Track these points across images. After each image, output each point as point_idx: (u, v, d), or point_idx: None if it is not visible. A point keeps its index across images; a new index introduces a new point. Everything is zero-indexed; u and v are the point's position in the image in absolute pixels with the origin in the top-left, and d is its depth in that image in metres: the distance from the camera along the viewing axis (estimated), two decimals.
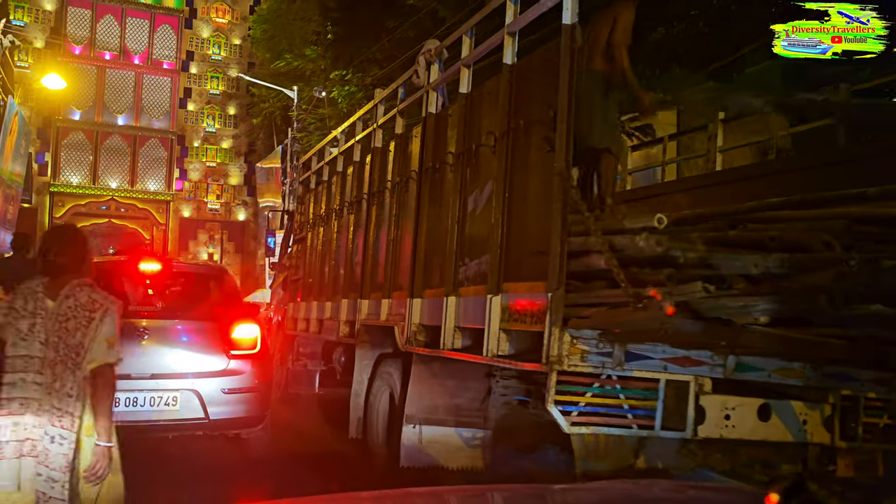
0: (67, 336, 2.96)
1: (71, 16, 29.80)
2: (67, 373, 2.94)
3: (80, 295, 3.02)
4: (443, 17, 14.82)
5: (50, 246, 3.12)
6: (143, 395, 5.09)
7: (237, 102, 32.79)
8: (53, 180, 29.53)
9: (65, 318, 2.97)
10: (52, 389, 2.91)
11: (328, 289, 7.11)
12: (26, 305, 2.98)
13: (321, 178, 7.87)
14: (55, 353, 2.94)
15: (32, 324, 2.95)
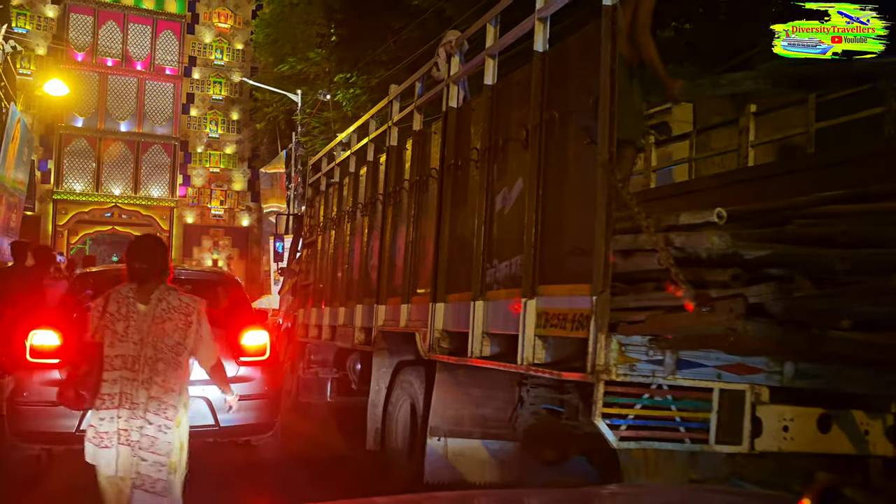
0: (165, 336, 3.26)
1: (73, 22, 29.64)
2: (170, 370, 3.25)
3: (170, 298, 3.33)
4: (449, 16, 14.60)
5: (137, 254, 3.38)
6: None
7: (240, 107, 32.59)
8: (56, 188, 29.33)
9: (161, 320, 3.28)
10: (152, 384, 3.22)
11: (341, 294, 6.85)
12: (120, 309, 3.28)
13: (332, 179, 7.62)
14: (154, 352, 3.24)
15: (127, 326, 3.25)
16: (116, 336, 3.25)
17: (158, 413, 3.21)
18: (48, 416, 4.90)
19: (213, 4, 32.82)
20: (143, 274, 3.35)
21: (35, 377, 5.11)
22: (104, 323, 3.28)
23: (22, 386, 5.17)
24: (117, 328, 3.25)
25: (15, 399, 5.18)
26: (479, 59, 4.48)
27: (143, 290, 3.33)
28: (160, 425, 3.22)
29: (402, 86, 5.95)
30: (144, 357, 3.23)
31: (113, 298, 3.33)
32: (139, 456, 3.19)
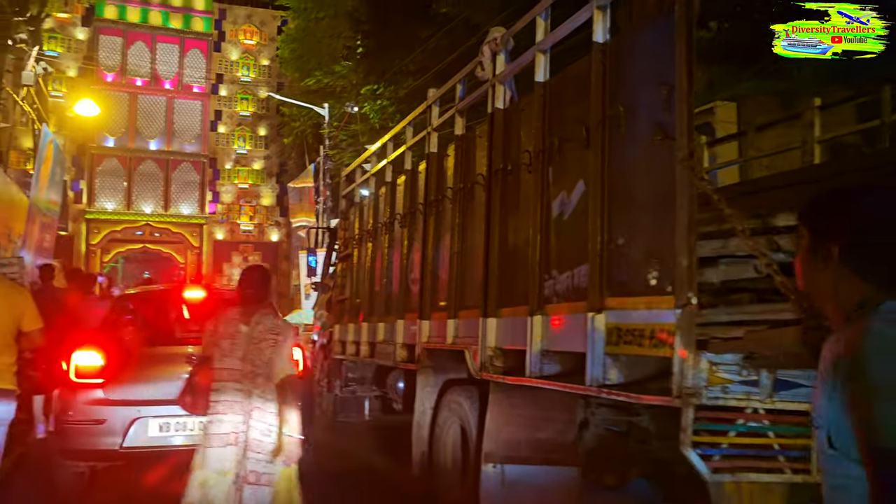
0: (261, 354, 3.72)
1: (102, 44, 30.00)
2: (268, 384, 3.72)
3: (266, 321, 3.80)
4: (477, 23, 14.34)
5: (249, 282, 3.87)
6: (193, 420, 5.00)
7: (267, 123, 32.68)
8: (89, 207, 29.61)
9: (258, 340, 3.73)
10: (253, 394, 3.67)
11: (380, 309, 6.55)
12: (227, 329, 3.76)
13: (367, 190, 7.34)
14: (252, 367, 3.69)
15: (232, 343, 3.71)
16: (223, 352, 3.73)
17: (261, 419, 3.67)
18: (93, 435, 5.02)
19: (239, 22, 33.05)
20: (251, 299, 3.84)
21: (79, 396, 5.14)
22: (214, 340, 3.78)
23: (67, 405, 5.23)
24: (224, 345, 3.73)
25: (61, 418, 5.28)
26: (529, 56, 4.17)
27: (246, 312, 3.80)
28: (263, 429, 3.68)
29: (440, 89, 5.66)
30: (246, 371, 3.69)
31: (222, 320, 3.83)
32: (246, 455, 3.65)
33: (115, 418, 5.01)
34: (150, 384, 5.18)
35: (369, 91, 19.30)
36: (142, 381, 5.20)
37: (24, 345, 4.35)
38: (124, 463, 5.28)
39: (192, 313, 5.98)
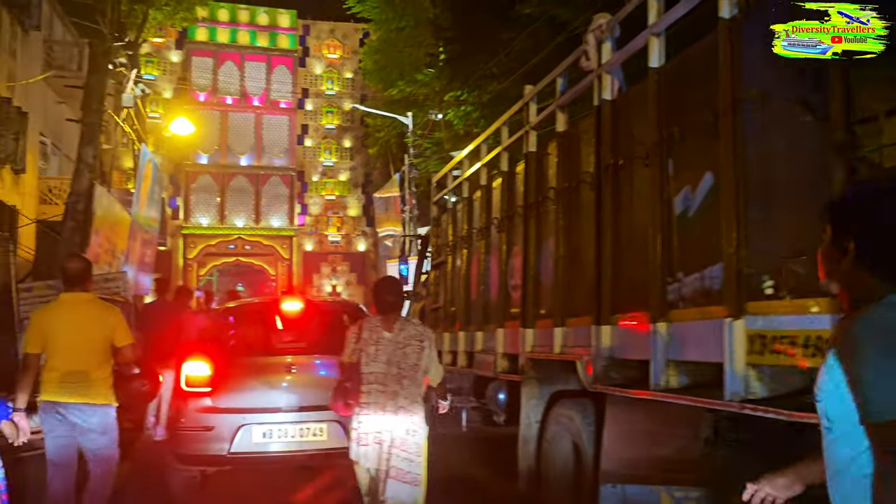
0: (406, 358, 4.04)
1: (195, 65, 31.20)
2: (413, 385, 4.04)
3: (409, 328, 4.15)
4: (563, 21, 13.97)
5: (388, 290, 4.25)
6: (293, 427, 5.40)
7: (352, 135, 33.16)
8: (185, 223, 30.78)
9: (402, 345, 4.05)
10: (398, 396, 3.98)
11: (478, 317, 6.32)
12: (371, 336, 4.08)
13: (460, 195, 7.14)
14: (398, 370, 4.01)
15: (376, 349, 4.03)
16: (369, 357, 4.04)
17: (406, 418, 3.95)
18: (202, 441, 5.30)
19: (323, 37, 33.72)
20: (391, 306, 4.17)
21: (190, 405, 5.41)
22: (359, 347, 4.08)
23: (179, 413, 5.53)
24: (369, 351, 4.04)
25: (173, 425, 5.62)
26: (640, 41, 3.85)
27: (388, 320, 4.12)
28: (408, 429, 3.96)
29: (538, 85, 5.38)
30: (391, 374, 4.00)
31: (365, 327, 4.14)
32: (391, 453, 3.94)
33: (222, 425, 5.27)
34: (253, 393, 5.43)
35: (452, 97, 19.19)
36: (245, 390, 5.45)
37: (119, 359, 4.58)
38: (231, 467, 5.57)
39: (289, 324, 6.17)
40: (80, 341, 4.41)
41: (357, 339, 4.10)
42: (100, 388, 4.42)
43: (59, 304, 4.62)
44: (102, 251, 14.83)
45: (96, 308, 4.60)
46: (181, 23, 24.06)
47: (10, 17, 16.60)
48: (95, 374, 4.40)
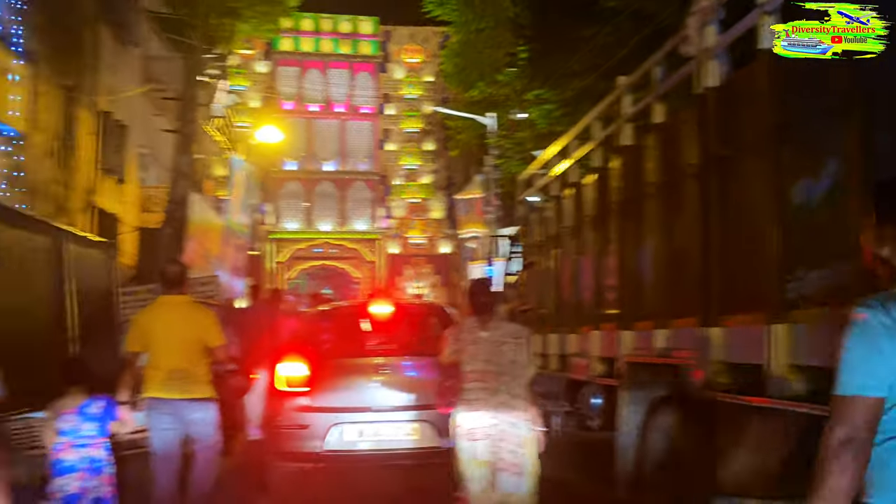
0: (504, 356, 4.21)
1: (281, 75, 32.08)
2: (513, 382, 4.20)
3: (504, 327, 4.38)
4: (649, 13, 13.52)
5: (482, 292, 4.44)
6: (385, 426, 5.56)
7: (434, 138, 33.31)
8: (274, 227, 31.65)
9: (499, 343, 4.23)
10: (499, 392, 4.17)
11: (570, 319, 6.12)
12: (469, 336, 4.28)
13: (549, 193, 6.95)
14: (497, 367, 4.19)
15: (475, 348, 4.23)
16: (469, 356, 4.23)
17: (508, 413, 4.13)
18: (298, 439, 5.49)
19: (403, 41, 34.05)
20: (485, 307, 4.36)
21: (286, 404, 5.61)
22: (459, 346, 4.29)
23: (276, 412, 5.73)
24: (469, 350, 4.24)
25: (271, 423, 5.84)
26: (749, 20, 3.58)
27: (483, 320, 4.32)
28: (510, 422, 4.13)
29: (632, 75, 5.15)
30: (491, 372, 4.18)
31: (463, 328, 4.38)
32: (497, 446, 4.13)
33: (316, 424, 5.45)
34: (345, 393, 5.62)
35: (534, 96, 18.95)
36: (338, 390, 5.63)
37: (213, 359, 4.81)
38: (325, 465, 5.68)
39: (378, 326, 6.29)
40: (178, 341, 4.66)
41: (456, 340, 4.31)
42: (200, 384, 4.69)
43: (157, 305, 4.94)
44: (197, 256, 15.38)
45: (191, 310, 4.86)
46: (267, 34, 24.72)
47: (110, 34, 17.45)
48: (194, 371, 4.67)
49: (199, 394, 4.70)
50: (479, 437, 4.15)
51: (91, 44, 16.18)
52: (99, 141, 16.33)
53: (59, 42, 14.28)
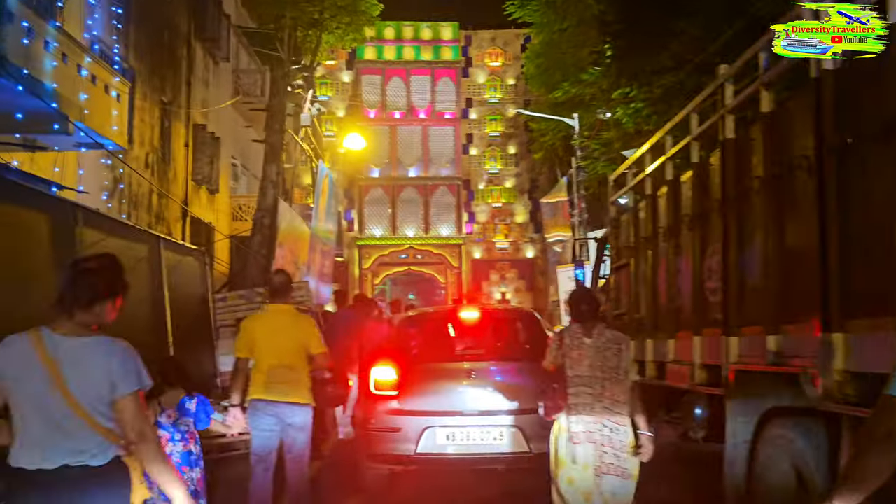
0: (606, 361, 4.33)
1: (364, 83, 32.57)
2: (616, 387, 4.32)
3: (607, 333, 4.44)
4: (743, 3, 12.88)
5: (583, 299, 4.51)
6: (474, 430, 5.62)
7: (517, 141, 33.07)
8: (360, 234, 32.13)
9: (603, 349, 4.35)
10: (603, 397, 4.28)
11: (669, 324, 5.80)
12: (572, 342, 4.39)
13: (642, 192, 6.64)
14: (602, 373, 4.31)
15: (579, 354, 4.36)
16: (573, 361, 4.35)
17: (612, 417, 4.23)
18: (391, 441, 5.63)
19: (484, 45, 33.99)
20: (587, 314, 4.44)
21: (378, 407, 5.75)
22: (563, 352, 4.40)
23: (368, 415, 5.86)
24: (573, 355, 4.36)
25: (364, 426, 5.93)
26: None
27: (586, 327, 4.43)
28: (612, 427, 4.24)
29: (734, 65, 4.82)
30: (595, 377, 4.29)
31: (567, 334, 4.46)
32: (601, 450, 4.21)
33: (408, 427, 5.58)
34: (436, 397, 5.72)
35: (621, 95, 18.44)
36: (429, 394, 5.73)
37: (313, 366, 5.00)
38: (417, 467, 5.87)
39: (467, 332, 6.42)
40: (282, 347, 4.88)
41: (559, 346, 4.44)
42: (301, 389, 4.89)
43: (264, 313, 5.28)
44: (286, 263, 15.69)
45: (294, 318, 5.07)
46: (351, 44, 25.14)
47: (202, 50, 18.11)
48: (296, 377, 4.88)
49: (299, 399, 4.89)
50: (583, 441, 4.26)
51: (185, 60, 16.85)
52: (193, 152, 16.97)
53: (156, 59, 14.92)
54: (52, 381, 2.41)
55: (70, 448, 2.41)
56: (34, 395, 2.43)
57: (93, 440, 2.44)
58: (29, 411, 2.44)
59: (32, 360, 2.43)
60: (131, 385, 2.49)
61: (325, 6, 22.64)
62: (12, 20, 8.27)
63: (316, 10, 22.54)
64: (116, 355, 2.50)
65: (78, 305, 2.50)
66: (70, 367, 2.44)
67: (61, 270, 2.57)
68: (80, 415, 2.42)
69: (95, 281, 2.55)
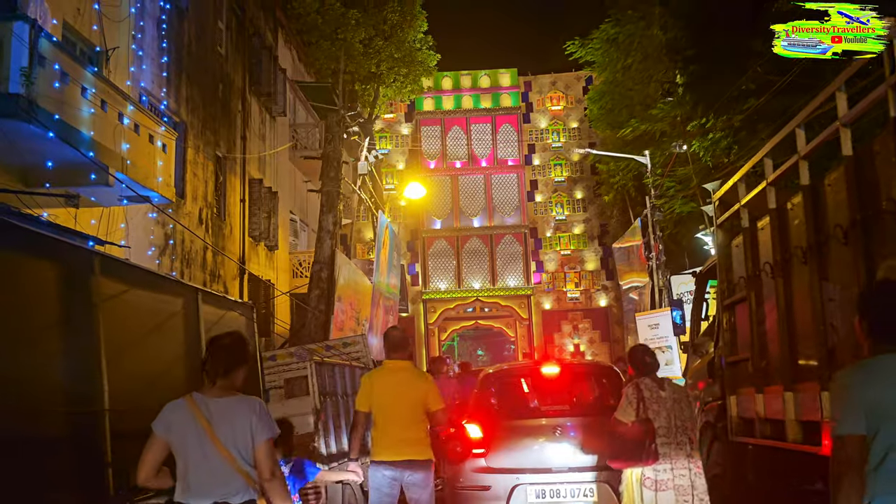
0: (681, 412, 4.91)
1: (424, 134, 32.13)
2: (690, 435, 4.90)
3: (674, 385, 5.05)
4: None
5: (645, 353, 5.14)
6: (564, 486, 5.61)
7: (583, 185, 31.90)
8: (424, 288, 31.19)
9: (677, 401, 4.93)
10: (684, 444, 4.83)
11: (814, 372, 4.48)
12: (651, 395, 4.90)
13: (763, 209, 5.39)
14: (680, 422, 4.86)
15: (658, 406, 4.86)
16: (654, 413, 4.74)
17: (692, 465, 4.74)
18: (481, 500, 5.68)
19: (545, 90, 33.25)
20: (652, 367, 4.94)
21: (466, 465, 5.80)
22: (643, 405, 4.76)
23: (457, 473, 5.89)
24: (652, 407, 4.75)
25: (453, 485, 5.96)
26: None
27: (657, 379, 4.90)
28: (695, 472, 4.75)
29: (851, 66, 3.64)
30: (674, 426, 4.74)
31: (644, 387, 4.85)
32: (687, 494, 4.69)
33: (498, 485, 5.61)
34: (523, 454, 5.71)
35: (696, 126, 17.17)
36: (515, 451, 5.72)
37: (432, 422, 5.07)
38: None
39: (547, 387, 6.38)
40: (401, 404, 4.93)
41: (639, 398, 4.77)
42: (421, 445, 4.94)
43: (382, 369, 5.24)
44: (346, 318, 14.78)
45: (412, 374, 5.14)
46: (410, 95, 24.75)
47: (258, 105, 17.79)
48: (417, 433, 4.93)
49: (420, 455, 4.90)
50: (671, 488, 4.65)
51: (241, 114, 16.50)
52: (249, 207, 16.45)
53: (209, 113, 14.55)
54: (206, 434, 3.09)
55: (220, 490, 3.08)
56: (193, 446, 3.09)
57: (237, 482, 3.10)
58: (189, 459, 3.10)
59: (191, 418, 3.12)
60: (267, 434, 3.18)
61: (382, 58, 22.37)
62: (44, 64, 7.74)
63: (373, 62, 22.29)
64: (255, 411, 3.20)
65: (218, 374, 3.20)
66: (219, 421, 3.12)
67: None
68: (229, 460, 3.08)
69: (229, 354, 3.23)
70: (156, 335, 6.09)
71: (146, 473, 3.14)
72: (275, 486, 3.16)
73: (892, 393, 2.34)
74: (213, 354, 3.24)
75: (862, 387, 2.37)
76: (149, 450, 3.15)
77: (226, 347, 3.25)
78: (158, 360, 6.07)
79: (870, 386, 2.37)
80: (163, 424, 3.15)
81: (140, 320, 5.87)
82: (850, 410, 2.36)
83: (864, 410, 2.32)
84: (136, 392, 4.83)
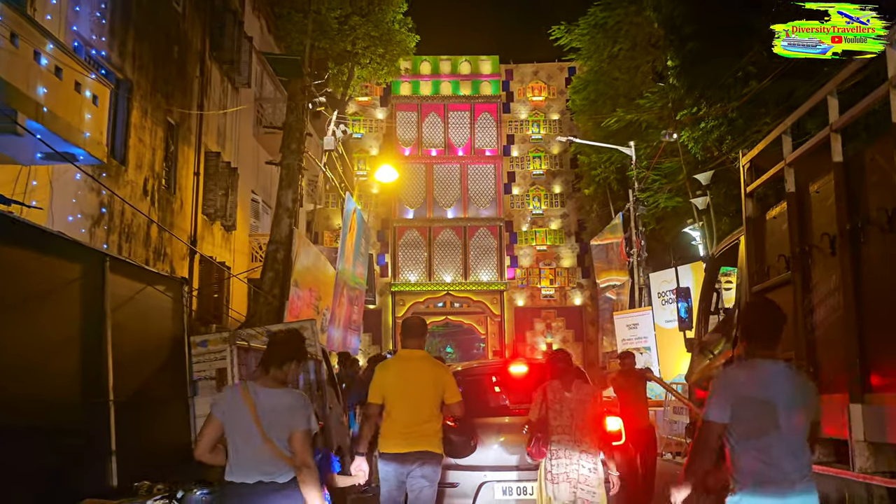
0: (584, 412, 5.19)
1: (399, 120, 30.81)
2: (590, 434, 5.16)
3: (584, 388, 5.36)
4: None
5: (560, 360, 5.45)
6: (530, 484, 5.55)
7: (562, 179, 30.84)
8: (393, 280, 29.89)
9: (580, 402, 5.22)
10: (579, 443, 5.12)
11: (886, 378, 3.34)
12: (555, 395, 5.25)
13: (812, 169, 4.23)
14: (580, 422, 5.16)
15: (560, 406, 5.20)
16: (555, 412, 5.16)
17: (586, 461, 5.07)
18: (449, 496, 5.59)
19: (526, 80, 32.11)
20: (563, 371, 5.33)
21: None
22: (546, 405, 5.20)
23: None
24: (554, 407, 5.18)
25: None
26: None
27: (565, 381, 5.29)
28: (589, 468, 5.06)
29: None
30: (573, 426, 5.11)
31: (549, 389, 5.29)
32: (577, 487, 5.02)
33: (465, 482, 5.61)
34: (490, 452, 5.66)
35: (687, 115, 16.14)
36: (483, 449, 5.58)
37: (447, 415, 4.97)
38: None
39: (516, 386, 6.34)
40: (416, 395, 4.81)
41: (543, 399, 5.20)
42: (433, 439, 4.83)
43: (397, 359, 5.14)
44: (304, 305, 13.50)
45: (429, 363, 5.01)
46: (386, 77, 23.45)
47: (220, 73, 16.37)
48: (429, 426, 4.81)
49: (430, 447, 4.80)
50: (564, 481, 5.00)
51: (199, 80, 15.07)
52: (204, 182, 15.05)
53: (161, 75, 13.13)
54: (252, 420, 3.47)
55: (263, 469, 3.46)
56: (241, 429, 3.49)
57: (278, 463, 3.47)
58: (237, 440, 3.50)
59: (241, 404, 3.51)
60: (303, 425, 3.52)
61: (359, 35, 21.04)
62: None
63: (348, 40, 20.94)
64: (297, 402, 3.56)
65: (272, 365, 3.60)
66: (265, 409, 3.50)
67: None
68: (269, 445, 3.46)
69: (284, 348, 3.65)
70: (37, 308, 4.79)
71: (202, 449, 3.53)
72: (306, 474, 3.44)
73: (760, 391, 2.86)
74: (269, 347, 3.65)
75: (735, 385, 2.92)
76: (206, 428, 3.55)
77: (283, 342, 3.65)
78: (40, 341, 4.77)
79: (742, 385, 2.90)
80: (219, 407, 3.55)
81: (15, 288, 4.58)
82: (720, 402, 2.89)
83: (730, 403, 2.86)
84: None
